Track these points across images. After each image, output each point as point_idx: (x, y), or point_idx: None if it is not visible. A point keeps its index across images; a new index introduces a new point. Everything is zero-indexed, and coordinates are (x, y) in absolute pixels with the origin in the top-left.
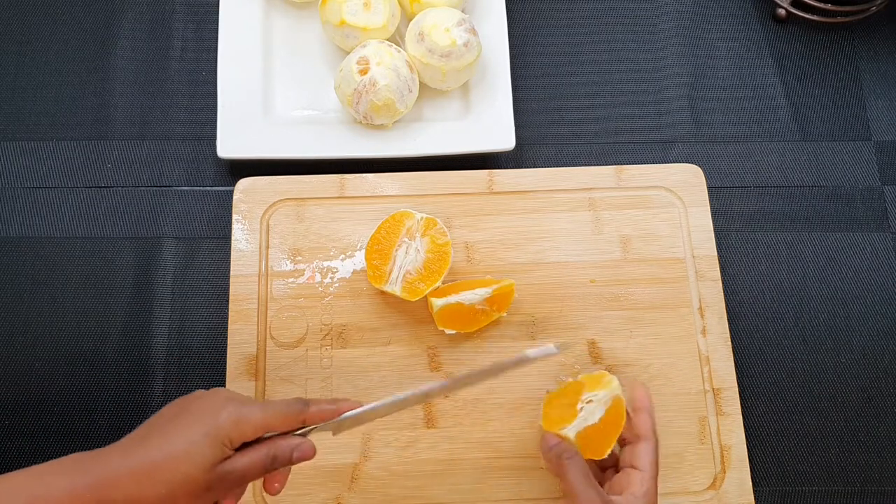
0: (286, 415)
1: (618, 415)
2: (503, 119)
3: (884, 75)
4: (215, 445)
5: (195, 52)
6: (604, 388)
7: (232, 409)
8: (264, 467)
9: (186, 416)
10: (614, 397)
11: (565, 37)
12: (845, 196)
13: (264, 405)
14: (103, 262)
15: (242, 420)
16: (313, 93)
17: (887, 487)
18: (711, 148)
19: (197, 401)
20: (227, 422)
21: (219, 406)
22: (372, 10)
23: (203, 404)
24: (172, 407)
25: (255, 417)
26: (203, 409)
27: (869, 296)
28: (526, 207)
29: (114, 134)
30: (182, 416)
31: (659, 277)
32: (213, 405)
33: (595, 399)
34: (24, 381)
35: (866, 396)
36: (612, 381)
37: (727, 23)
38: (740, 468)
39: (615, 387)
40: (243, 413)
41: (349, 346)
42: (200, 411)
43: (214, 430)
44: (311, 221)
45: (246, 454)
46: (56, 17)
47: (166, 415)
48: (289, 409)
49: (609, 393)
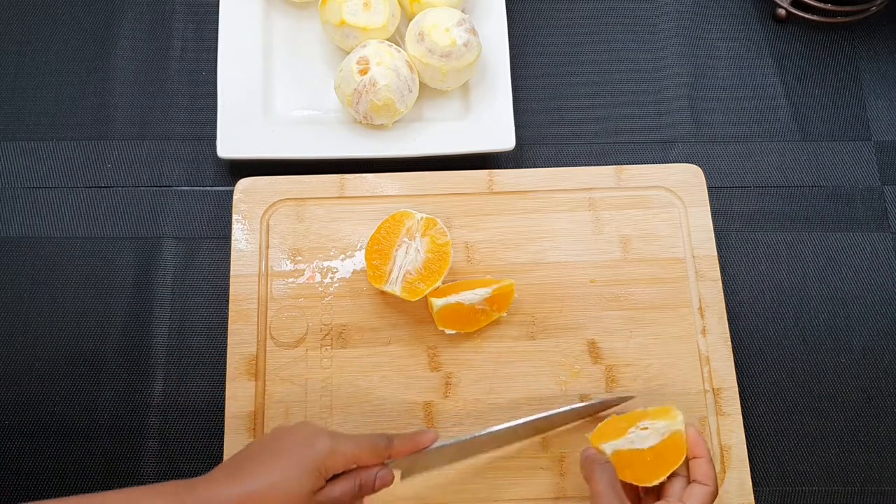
0: (374, 448)
1: (675, 448)
2: (503, 119)
3: (884, 75)
4: (313, 475)
5: (195, 52)
6: (665, 420)
7: (326, 441)
8: (353, 496)
9: (281, 449)
10: (674, 431)
11: (565, 37)
12: (845, 196)
13: (356, 439)
14: (103, 262)
15: (337, 452)
16: (313, 93)
17: (887, 487)
18: (711, 148)
19: (288, 434)
20: (322, 453)
21: (313, 438)
22: (372, 10)
23: (296, 437)
24: (261, 443)
25: (348, 450)
26: (296, 441)
27: (869, 296)
28: (526, 207)
29: (114, 134)
30: (276, 448)
31: (659, 277)
32: (306, 437)
33: (651, 427)
34: (24, 381)
35: (866, 396)
36: (678, 416)
37: (727, 23)
38: (740, 468)
39: (678, 421)
40: (338, 445)
41: (349, 346)
42: (296, 443)
43: (312, 461)
44: (311, 221)
45: (338, 483)
46: (56, 17)
47: (257, 448)
48: (377, 444)
49: (669, 425)
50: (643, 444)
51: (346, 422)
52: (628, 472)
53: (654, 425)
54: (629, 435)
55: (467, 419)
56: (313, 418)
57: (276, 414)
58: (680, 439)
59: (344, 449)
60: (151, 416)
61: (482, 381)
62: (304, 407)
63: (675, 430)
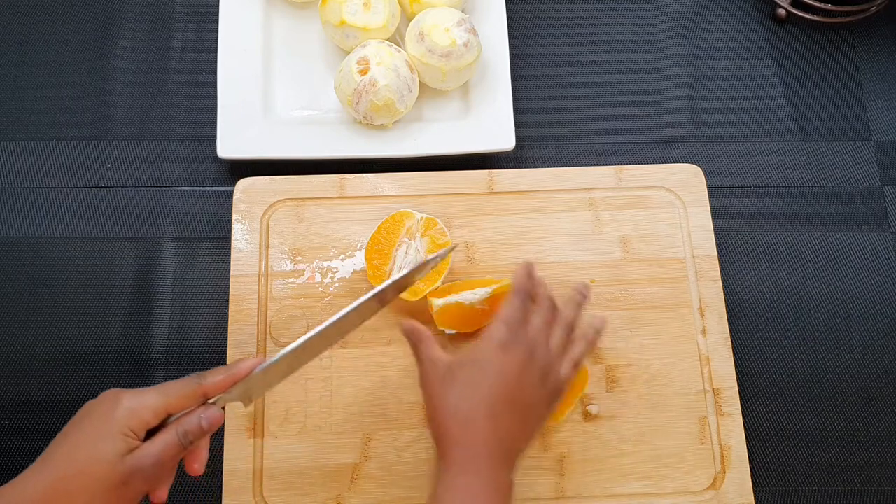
0: (183, 393)
1: None
2: (503, 119)
3: (884, 75)
4: (116, 439)
5: (195, 52)
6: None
7: (125, 400)
8: (178, 445)
9: (84, 424)
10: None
11: (565, 37)
12: (845, 196)
13: (159, 388)
14: (103, 262)
15: (138, 408)
16: (313, 93)
17: (887, 487)
18: (711, 148)
19: (91, 408)
20: (123, 413)
21: (112, 402)
22: (372, 10)
23: (98, 408)
24: (66, 427)
25: (151, 401)
26: (98, 412)
27: (869, 296)
28: (526, 207)
29: (114, 134)
30: (80, 425)
31: (659, 277)
32: (107, 405)
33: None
34: (24, 381)
35: (866, 396)
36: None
37: (727, 23)
38: (740, 468)
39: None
40: (138, 401)
41: (349, 346)
42: (96, 415)
43: (111, 425)
44: (311, 221)
45: (155, 438)
46: (56, 17)
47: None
48: (185, 387)
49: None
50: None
51: (346, 422)
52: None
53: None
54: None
55: None
56: (313, 418)
57: (276, 414)
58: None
59: (146, 402)
60: None
61: None
62: (304, 407)
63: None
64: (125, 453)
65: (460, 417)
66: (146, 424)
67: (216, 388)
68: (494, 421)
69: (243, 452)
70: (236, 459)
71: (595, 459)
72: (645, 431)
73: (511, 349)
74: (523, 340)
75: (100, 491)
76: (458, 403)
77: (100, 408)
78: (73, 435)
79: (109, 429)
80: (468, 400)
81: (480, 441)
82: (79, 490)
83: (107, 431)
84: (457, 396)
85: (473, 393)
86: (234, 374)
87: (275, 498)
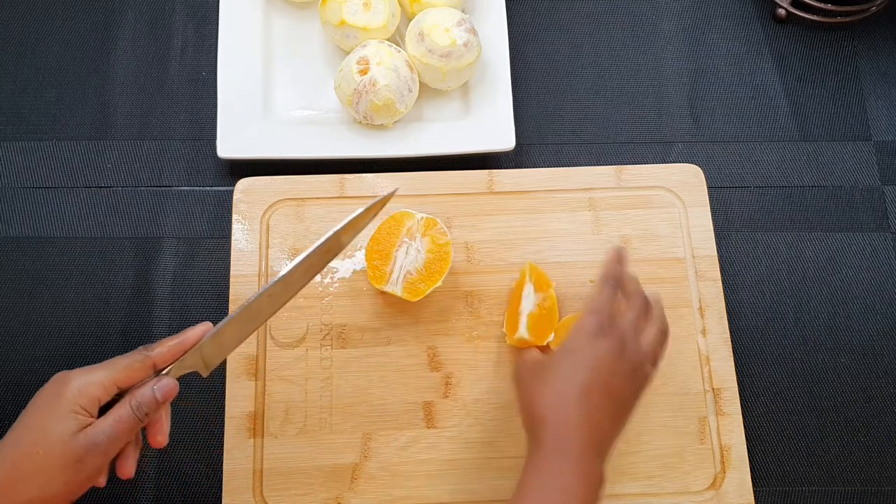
0: (130, 366)
1: None
2: (503, 119)
3: (884, 75)
4: (67, 417)
5: (195, 52)
6: None
7: (73, 379)
8: (133, 419)
9: (34, 409)
10: None
11: (565, 37)
12: (845, 196)
13: (106, 363)
14: (103, 262)
15: (86, 385)
16: (313, 93)
17: (887, 487)
18: (711, 148)
19: (41, 392)
20: (72, 392)
21: (60, 384)
22: (372, 10)
23: (47, 391)
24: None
25: (99, 377)
26: (47, 394)
27: (869, 296)
28: (526, 207)
29: (114, 134)
30: (31, 410)
31: (659, 277)
32: (56, 387)
33: None
34: (24, 381)
35: (866, 396)
36: None
37: (727, 23)
38: (740, 468)
39: None
40: (86, 379)
41: (349, 346)
42: (45, 397)
43: (61, 405)
44: (310, 221)
45: (108, 414)
46: (56, 17)
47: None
48: (132, 359)
49: None
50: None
51: (346, 422)
52: None
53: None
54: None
55: (467, 419)
56: (313, 418)
57: (276, 414)
58: None
59: (94, 378)
60: None
61: (482, 381)
62: (304, 407)
63: None
64: (77, 431)
65: (553, 402)
66: (97, 401)
67: (165, 358)
68: (587, 407)
69: (243, 452)
70: (236, 459)
71: None
72: (645, 431)
73: (602, 339)
74: (615, 333)
75: (55, 469)
76: (551, 390)
77: (49, 390)
78: (24, 419)
79: (59, 408)
80: (562, 386)
81: (572, 425)
82: (34, 472)
83: (57, 412)
84: (550, 383)
85: (567, 379)
86: (182, 341)
87: (275, 498)
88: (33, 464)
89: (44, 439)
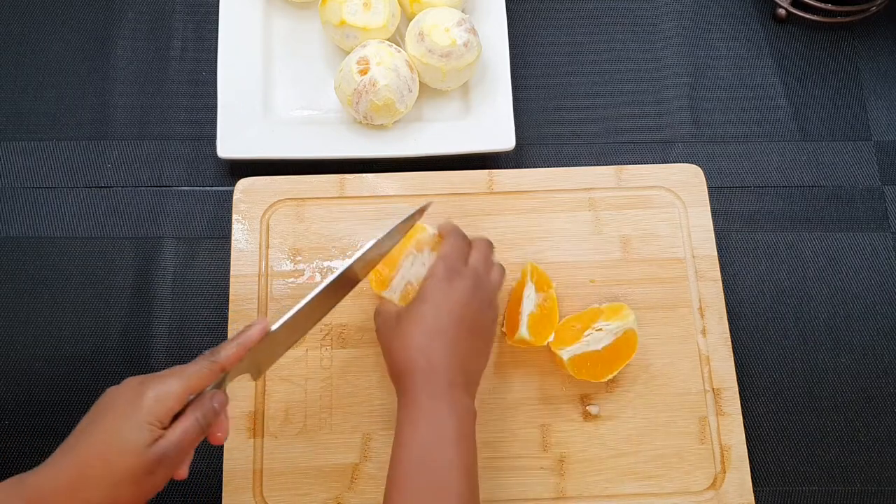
0: (200, 373)
1: (626, 346)
2: (503, 119)
3: (884, 75)
4: (143, 429)
5: (195, 52)
6: (619, 320)
7: (149, 389)
8: (198, 430)
9: (108, 413)
10: (627, 329)
11: (565, 37)
12: (845, 196)
13: (179, 374)
14: (103, 262)
15: (163, 396)
16: (313, 93)
17: (887, 487)
18: (711, 148)
19: (115, 395)
20: (148, 403)
21: (136, 391)
22: (372, 10)
23: (122, 396)
24: (90, 413)
25: (174, 387)
26: (123, 400)
27: (869, 296)
28: (526, 207)
29: (114, 134)
30: (104, 414)
31: (659, 277)
32: (131, 393)
33: (605, 328)
34: (24, 381)
35: (866, 396)
36: (629, 316)
37: (727, 23)
38: (740, 468)
39: (630, 321)
40: (163, 390)
41: (349, 346)
42: (121, 403)
43: (138, 415)
44: (311, 221)
45: (177, 426)
46: (56, 16)
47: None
48: (201, 366)
49: (622, 324)
50: (598, 346)
51: (346, 422)
52: (584, 371)
53: (608, 326)
54: (585, 338)
55: None
56: (313, 418)
57: (276, 414)
58: (632, 337)
59: (170, 389)
60: None
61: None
62: (304, 407)
63: (627, 328)
64: (150, 443)
65: (419, 345)
66: (171, 412)
67: (231, 361)
68: (453, 345)
69: (243, 452)
70: (236, 459)
71: (595, 459)
72: (645, 431)
73: (455, 281)
74: (467, 273)
75: (125, 481)
76: (417, 332)
77: (124, 396)
78: (98, 423)
79: (136, 419)
80: (426, 328)
81: (441, 366)
82: (103, 479)
83: (133, 422)
84: (414, 328)
85: (430, 322)
86: (245, 343)
87: (275, 498)
88: (106, 471)
89: (118, 447)
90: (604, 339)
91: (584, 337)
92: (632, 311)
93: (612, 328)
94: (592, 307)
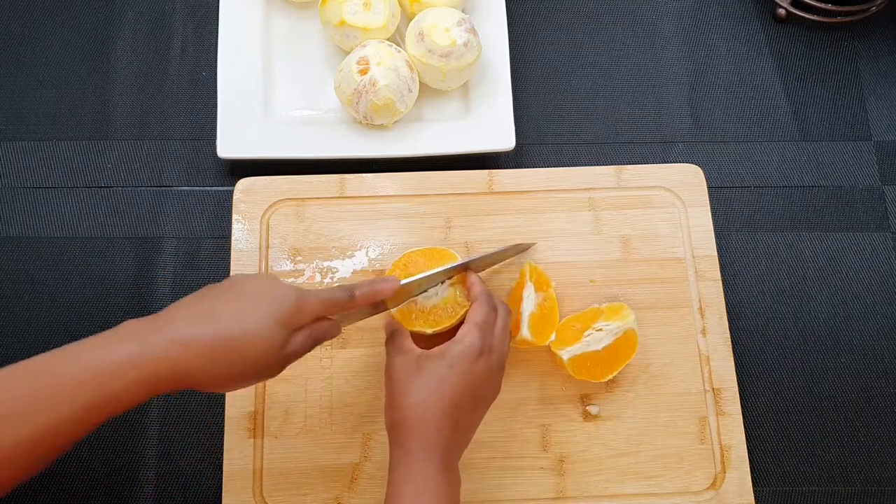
0: (336, 301)
1: (627, 346)
2: (503, 119)
3: (884, 75)
4: (285, 329)
5: (195, 52)
6: (619, 320)
7: (293, 296)
8: (308, 349)
9: (245, 296)
10: (627, 329)
11: (565, 37)
12: (845, 196)
13: (318, 295)
14: (103, 262)
15: (304, 308)
16: (313, 93)
17: (887, 487)
18: (711, 148)
19: (250, 283)
20: (291, 308)
21: (280, 292)
22: (372, 10)
23: (260, 288)
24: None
25: (312, 306)
26: (262, 292)
27: (869, 296)
28: (526, 207)
29: (114, 134)
30: (246, 297)
31: (659, 277)
32: (272, 290)
33: (605, 329)
34: None
35: (866, 396)
36: (629, 316)
37: (727, 23)
38: (740, 468)
39: (631, 321)
40: (306, 302)
41: (349, 346)
42: (262, 295)
43: (281, 315)
44: (311, 221)
45: (297, 336)
46: (56, 16)
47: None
48: (340, 297)
49: (622, 324)
50: (598, 346)
51: (346, 422)
52: (584, 371)
53: (608, 326)
54: (585, 338)
55: None
56: (313, 418)
57: (276, 414)
58: (632, 337)
59: (310, 305)
60: (152, 417)
61: None
62: (304, 407)
63: (627, 328)
64: (283, 345)
65: (424, 409)
66: (302, 325)
67: (362, 303)
68: (454, 418)
69: (243, 452)
70: (236, 459)
71: (595, 459)
72: (645, 431)
73: (484, 357)
74: (495, 351)
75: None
76: (424, 395)
77: (261, 287)
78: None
79: (279, 317)
80: (435, 394)
81: (440, 434)
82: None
83: (277, 318)
84: (420, 387)
85: (442, 389)
86: (378, 292)
87: (275, 498)
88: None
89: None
90: (604, 340)
91: (584, 337)
92: (632, 311)
93: (612, 328)
94: (592, 307)
